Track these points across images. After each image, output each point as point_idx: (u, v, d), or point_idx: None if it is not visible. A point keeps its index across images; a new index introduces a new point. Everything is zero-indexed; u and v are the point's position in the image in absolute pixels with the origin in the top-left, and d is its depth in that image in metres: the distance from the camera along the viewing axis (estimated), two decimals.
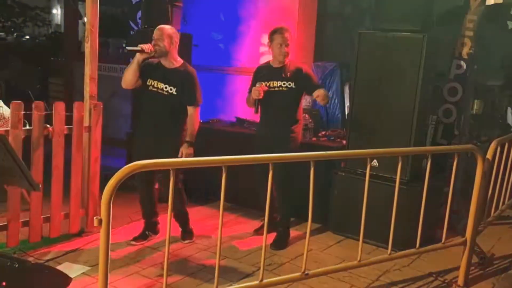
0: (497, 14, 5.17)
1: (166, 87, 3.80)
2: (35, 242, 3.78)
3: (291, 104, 4.11)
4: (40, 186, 2.37)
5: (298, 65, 4.18)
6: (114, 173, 2.12)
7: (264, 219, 4.02)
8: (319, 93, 3.92)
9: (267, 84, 4.02)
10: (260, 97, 3.93)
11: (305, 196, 4.40)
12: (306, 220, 4.45)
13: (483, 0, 4.60)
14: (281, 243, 4.12)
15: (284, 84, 4.04)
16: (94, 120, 4.01)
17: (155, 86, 3.83)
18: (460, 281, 3.61)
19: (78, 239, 3.98)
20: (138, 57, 3.73)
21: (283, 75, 4.04)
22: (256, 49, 6.18)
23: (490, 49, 5.88)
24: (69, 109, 3.89)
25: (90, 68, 4.02)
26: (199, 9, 6.42)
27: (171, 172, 2.28)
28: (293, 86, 4.03)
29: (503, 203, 4.51)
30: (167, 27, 3.89)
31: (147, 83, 3.85)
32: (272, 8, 6.08)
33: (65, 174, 3.95)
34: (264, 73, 4.12)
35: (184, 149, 3.75)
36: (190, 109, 3.83)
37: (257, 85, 3.98)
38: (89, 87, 4.02)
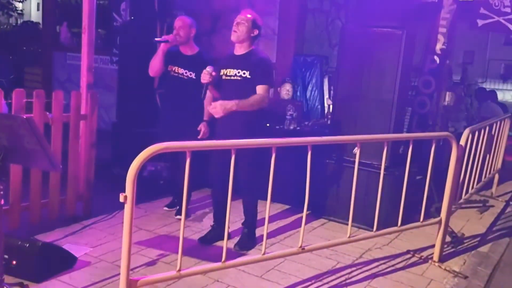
0: (466, 12, 5.54)
1: (186, 72, 4.20)
2: (34, 226, 3.90)
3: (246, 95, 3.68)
4: (61, 167, 2.51)
5: (261, 55, 3.83)
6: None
7: (212, 225, 4.12)
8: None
9: (225, 72, 3.77)
10: (205, 81, 3.64)
11: (286, 181, 4.69)
12: (286, 203, 4.62)
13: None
14: (247, 242, 3.93)
15: (239, 73, 3.72)
16: (91, 108, 4.15)
17: (176, 71, 4.24)
18: (435, 257, 3.95)
19: (75, 224, 4.11)
20: (163, 47, 4.13)
21: (242, 62, 3.72)
22: None
23: (456, 46, 6.26)
24: (48, 98, 3.96)
25: (87, 59, 4.14)
26: (181, 2, 6.57)
27: (187, 153, 2.48)
28: (248, 76, 3.69)
29: (472, 187, 4.91)
30: (186, 17, 4.26)
31: (168, 69, 4.26)
32: (254, 2, 6.29)
33: (62, 161, 4.08)
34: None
35: (203, 126, 4.17)
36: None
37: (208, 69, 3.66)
38: (86, 77, 4.14)
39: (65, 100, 4.03)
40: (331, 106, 5.44)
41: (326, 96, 6.09)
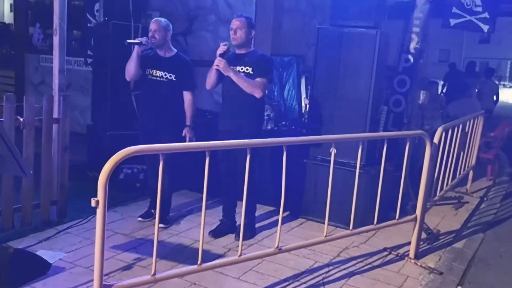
0: (440, 11, 5.62)
1: (165, 74, 4.12)
2: (7, 232, 3.82)
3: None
4: (31, 172, 2.46)
5: (262, 53, 4.19)
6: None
7: (221, 219, 4.25)
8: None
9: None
10: (221, 51, 3.89)
11: (266, 182, 4.72)
12: (267, 204, 4.74)
13: None
14: (248, 232, 4.09)
15: (242, 69, 4.00)
16: (64, 111, 4.08)
17: (154, 74, 4.14)
18: (411, 254, 3.99)
19: (49, 229, 4.04)
20: (137, 49, 4.04)
21: (245, 60, 4.02)
22: (214, 42, 6.36)
23: (431, 45, 6.36)
24: (20, 100, 3.89)
25: (58, 61, 4.07)
26: (156, 3, 6.52)
27: (160, 156, 2.46)
28: (251, 72, 3.99)
29: (447, 184, 4.98)
30: (162, 20, 4.18)
31: (146, 73, 4.16)
32: (230, 2, 6.28)
33: (35, 165, 4.01)
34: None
35: (187, 132, 4.12)
36: (187, 95, 4.16)
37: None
38: (58, 79, 4.07)
39: (39, 104, 3.97)
40: (308, 106, 5.45)
41: (303, 95, 6.12)
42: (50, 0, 4.13)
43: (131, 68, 4.08)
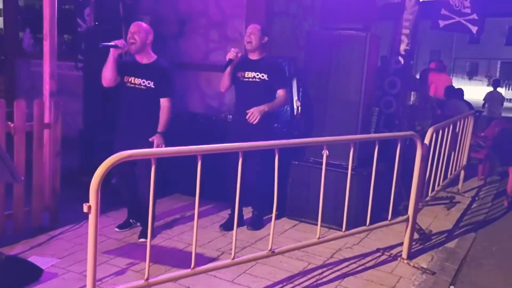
0: (429, 13, 5.67)
1: (143, 81, 3.94)
2: None
3: (265, 96, 4.25)
4: (23, 178, 2.45)
5: (275, 60, 4.50)
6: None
7: (230, 213, 4.31)
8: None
9: (243, 74, 4.27)
10: (231, 57, 4.12)
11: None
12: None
13: (417, 1, 5.06)
14: (257, 223, 4.50)
15: (257, 75, 4.25)
16: (55, 117, 4.06)
17: (132, 82, 3.96)
18: (404, 254, 4.01)
19: (42, 235, 4.02)
20: (113, 52, 3.84)
21: (259, 66, 4.25)
22: (205, 45, 6.36)
23: (422, 46, 6.41)
24: (11, 105, 3.87)
25: (49, 66, 4.05)
26: (147, 7, 6.51)
27: (152, 161, 2.46)
28: (266, 78, 4.23)
29: (438, 184, 5.01)
30: (143, 23, 4.05)
31: (124, 80, 3.98)
32: (221, 5, 6.29)
33: (26, 171, 3.99)
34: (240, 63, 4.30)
35: (156, 139, 3.92)
36: (164, 101, 3.99)
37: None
38: (49, 85, 4.06)
39: (30, 109, 3.95)
40: (299, 108, 5.47)
41: (295, 97, 6.13)
42: (40, 5, 4.12)
43: (107, 74, 3.89)
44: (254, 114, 4.09)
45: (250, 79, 4.26)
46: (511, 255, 4.51)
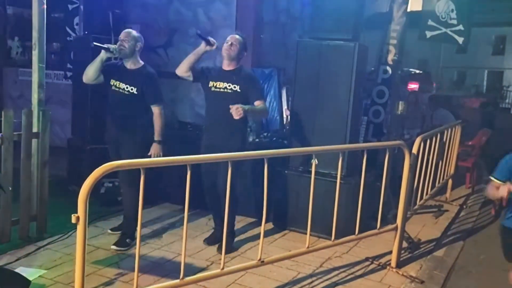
0: (416, 23, 5.74)
1: (127, 87, 4.01)
2: None
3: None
4: (10, 189, 2.43)
5: (249, 71, 4.27)
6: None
7: (214, 228, 4.28)
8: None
9: (214, 84, 4.06)
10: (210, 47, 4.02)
11: (249, 194, 4.75)
12: (249, 216, 4.76)
13: (404, 11, 5.13)
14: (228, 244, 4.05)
15: (229, 86, 4.03)
16: (43, 126, 4.05)
17: (117, 86, 4.04)
18: (393, 263, 4.03)
19: (29, 245, 3.98)
20: (102, 55, 3.93)
21: (232, 77, 4.05)
22: None
23: (410, 55, 6.49)
24: None
25: (38, 75, 4.04)
26: (136, 16, 6.52)
27: (141, 171, 2.45)
28: (239, 90, 4.01)
29: (427, 193, 5.05)
30: (133, 30, 4.12)
31: (110, 83, 4.05)
32: (210, 15, 6.32)
33: (14, 180, 3.95)
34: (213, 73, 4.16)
35: (153, 149, 3.98)
36: (154, 109, 4.05)
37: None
38: (37, 94, 4.04)
39: (18, 118, 3.93)
40: (289, 117, 5.50)
41: (284, 107, 6.17)
42: (29, 13, 4.11)
43: (90, 72, 3.95)
44: (238, 109, 3.74)
45: (221, 90, 4.03)
46: (499, 263, 4.53)
